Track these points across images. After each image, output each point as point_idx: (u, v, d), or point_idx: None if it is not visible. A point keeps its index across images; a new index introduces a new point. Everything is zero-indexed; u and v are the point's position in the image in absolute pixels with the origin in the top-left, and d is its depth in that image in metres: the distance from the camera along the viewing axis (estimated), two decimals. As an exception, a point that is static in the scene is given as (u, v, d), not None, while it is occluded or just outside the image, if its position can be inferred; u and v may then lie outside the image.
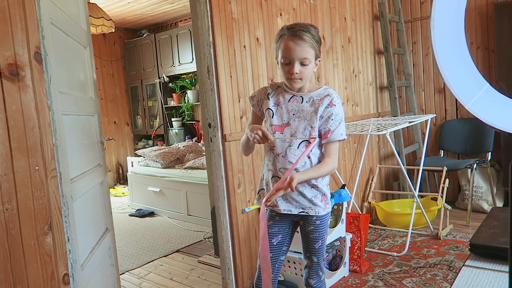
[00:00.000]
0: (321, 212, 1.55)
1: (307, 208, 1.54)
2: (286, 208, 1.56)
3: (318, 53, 1.49)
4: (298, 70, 1.45)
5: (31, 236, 1.35)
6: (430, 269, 2.59)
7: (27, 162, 1.34)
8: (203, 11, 2.22)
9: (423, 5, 4.11)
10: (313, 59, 1.47)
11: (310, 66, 1.47)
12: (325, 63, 3.19)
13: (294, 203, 1.55)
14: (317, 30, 1.50)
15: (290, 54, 1.44)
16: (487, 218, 1.27)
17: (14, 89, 1.32)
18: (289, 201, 1.55)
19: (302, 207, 1.55)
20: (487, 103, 0.94)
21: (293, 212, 1.56)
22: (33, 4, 1.38)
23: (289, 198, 1.54)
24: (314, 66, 1.51)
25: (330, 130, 1.49)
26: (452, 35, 0.95)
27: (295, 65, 1.45)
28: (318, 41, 1.48)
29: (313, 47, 1.45)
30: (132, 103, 6.30)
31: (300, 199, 1.54)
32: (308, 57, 1.45)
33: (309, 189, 1.53)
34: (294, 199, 1.54)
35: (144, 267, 3.06)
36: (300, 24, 1.49)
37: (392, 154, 4.10)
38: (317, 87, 1.56)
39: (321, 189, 1.55)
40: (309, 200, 1.53)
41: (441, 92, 4.09)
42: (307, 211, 1.55)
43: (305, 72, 1.47)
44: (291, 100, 1.55)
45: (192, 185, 4.06)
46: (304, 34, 1.44)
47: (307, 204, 1.54)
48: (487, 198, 3.64)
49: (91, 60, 2.08)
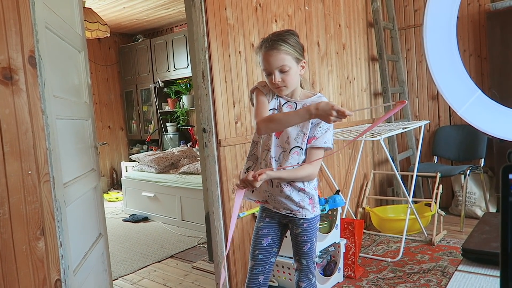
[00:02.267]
0: (308, 215, 1.57)
1: (295, 211, 1.57)
2: (275, 206, 1.59)
3: (299, 56, 1.49)
4: (279, 79, 1.47)
5: (23, 241, 1.34)
6: (424, 275, 2.60)
7: (19, 166, 1.33)
8: (199, 16, 2.23)
9: (416, 12, 4.15)
10: (293, 64, 1.48)
11: (291, 71, 1.47)
12: (320, 69, 3.21)
13: (282, 205, 1.57)
14: (294, 35, 1.50)
15: (267, 65, 1.47)
16: (479, 223, 1.28)
17: (8, 93, 1.31)
18: (277, 202, 1.57)
19: (289, 209, 1.57)
20: (479, 109, 0.95)
21: (281, 212, 1.58)
22: (27, 8, 1.38)
23: (277, 200, 1.56)
24: (300, 69, 1.52)
25: (315, 137, 1.50)
26: (444, 43, 0.96)
27: (275, 75, 1.47)
28: (295, 45, 1.48)
29: (288, 53, 1.45)
30: (127, 108, 6.29)
31: (287, 202, 1.55)
32: (285, 63, 1.45)
33: (296, 193, 1.54)
34: (282, 202, 1.56)
35: (138, 272, 3.03)
36: (274, 33, 1.51)
37: (386, 160, 4.12)
38: (311, 94, 1.57)
39: (308, 193, 1.56)
40: (296, 204, 1.55)
41: (435, 98, 4.12)
42: (295, 214, 1.57)
43: (287, 79, 1.48)
44: (285, 106, 1.56)
45: (186, 190, 4.05)
46: (276, 43, 1.45)
47: (294, 207, 1.56)
48: (480, 204, 3.66)
49: (86, 65, 2.08)
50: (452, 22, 1.06)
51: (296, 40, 1.50)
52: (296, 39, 1.51)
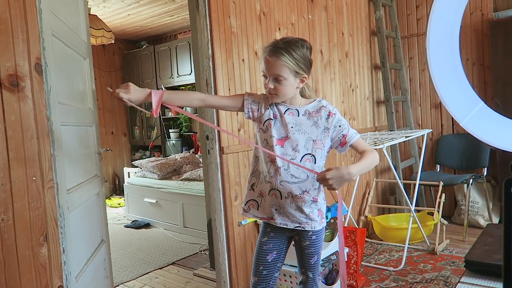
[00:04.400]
0: (317, 226, 1.54)
1: (304, 223, 1.53)
2: (282, 222, 1.53)
3: (300, 70, 1.44)
4: (272, 85, 1.44)
5: (26, 247, 1.35)
6: (426, 285, 2.58)
7: (24, 172, 1.34)
8: (203, 24, 2.25)
9: (419, 21, 4.17)
10: (290, 76, 1.43)
11: (286, 83, 1.43)
12: (323, 77, 3.22)
13: (291, 217, 1.52)
14: (303, 47, 1.45)
15: (264, 68, 1.46)
16: (482, 235, 1.27)
17: (14, 100, 1.32)
18: (286, 215, 1.52)
19: (298, 222, 1.52)
20: (481, 120, 0.95)
21: (289, 226, 1.53)
22: (35, 16, 1.39)
23: (286, 212, 1.52)
24: (299, 83, 1.47)
25: (345, 135, 1.52)
26: (447, 54, 0.97)
27: (269, 81, 1.45)
28: (299, 58, 1.43)
29: (286, 65, 1.41)
30: (130, 113, 6.31)
31: (297, 214, 1.51)
32: (281, 74, 1.41)
33: (307, 204, 1.51)
34: (291, 214, 1.52)
35: (139, 279, 3.03)
36: (284, 39, 1.46)
37: (389, 168, 4.11)
38: (311, 100, 1.55)
39: (318, 203, 1.54)
40: (306, 215, 1.51)
41: (437, 107, 4.12)
42: (304, 226, 1.53)
43: (280, 89, 1.44)
44: (286, 113, 1.51)
45: (188, 197, 4.05)
46: (279, 51, 1.41)
47: (304, 219, 1.52)
48: (483, 213, 3.65)
49: (91, 71, 2.09)
50: (455, 31, 1.07)
51: (303, 54, 1.44)
52: (304, 52, 1.45)
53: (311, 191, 1.50)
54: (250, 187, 1.58)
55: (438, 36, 1.06)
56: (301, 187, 1.49)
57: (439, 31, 1.06)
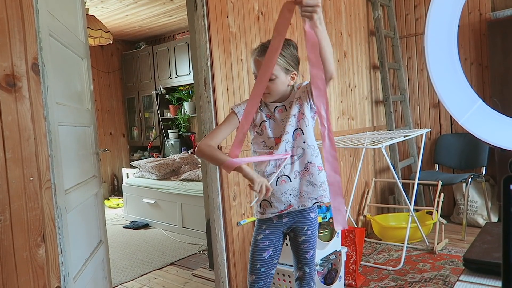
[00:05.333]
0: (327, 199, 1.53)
1: (320, 196, 1.53)
2: (300, 204, 1.53)
3: (289, 67, 1.50)
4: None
5: (24, 247, 1.34)
6: (425, 284, 2.58)
7: (21, 172, 1.34)
8: (201, 25, 2.24)
9: (417, 21, 4.17)
10: (280, 73, 1.49)
11: (277, 81, 1.49)
12: (321, 77, 3.21)
13: (307, 196, 1.52)
14: (290, 46, 1.51)
15: (255, 69, 1.51)
16: (481, 233, 1.27)
17: (11, 100, 1.32)
18: (301, 195, 1.52)
19: (315, 197, 1.53)
20: (480, 119, 0.95)
21: (308, 205, 1.53)
22: (31, 16, 1.39)
23: (301, 192, 1.52)
24: (289, 80, 1.53)
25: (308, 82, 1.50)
26: (445, 52, 0.97)
27: None
28: (287, 56, 1.49)
29: (277, 63, 1.46)
30: (129, 114, 6.31)
31: (310, 189, 1.51)
32: (272, 72, 1.45)
33: (316, 175, 1.51)
34: (305, 192, 1.51)
35: (138, 280, 3.02)
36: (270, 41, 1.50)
37: (388, 168, 4.11)
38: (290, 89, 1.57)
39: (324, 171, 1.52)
40: (319, 187, 1.51)
41: (436, 106, 4.12)
42: (321, 199, 1.53)
43: (272, 87, 1.49)
44: (276, 111, 1.57)
45: (187, 197, 4.04)
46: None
47: (320, 191, 1.52)
48: (482, 213, 3.65)
49: (89, 72, 2.09)
50: (453, 31, 1.07)
51: (290, 52, 1.51)
52: (292, 50, 1.52)
53: (313, 160, 1.52)
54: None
55: (436, 35, 1.06)
56: (302, 161, 1.52)
57: (437, 30, 1.06)
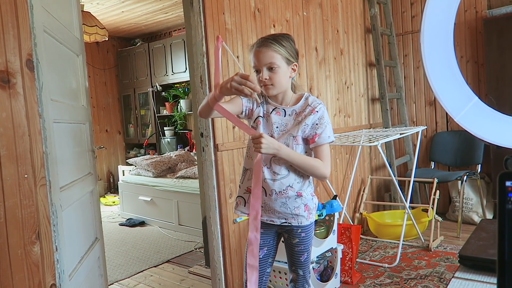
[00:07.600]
0: (304, 222, 1.53)
1: (290, 219, 1.52)
2: (269, 218, 1.54)
3: (290, 58, 1.49)
4: (267, 76, 1.46)
5: (19, 245, 1.33)
6: (421, 281, 2.59)
7: (16, 170, 1.33)
8: (197, 21, 2.23)
9: (414, 18, 4.17)
10: (282, 63, 1.47)
11: (279, 71, 1.46)
12: (318, 75, 3.22)
13: (277, 214, 1.53)
14: (289, 38, 1.51)
15: (256, 61, 1.48)
16: (476, 230, 1.28)
17: (5, 96, 1.31)
18: (272, 212, 1.53)
19: (284, 217, 1.52)
20: (476, 116, 0.95)
21: (276, 222, 1.54)
22: (26, 12, 1.38)
23: (272, 209, 1.52)
24: (291, 72, 1.51)
25: (317, 134, 1.47)
26: (442, 50, 0.97)
27: (263, 72, 1.46)
28: (288, 46, 1.48)
29: (278, 52, 1.45)
30: (125, 111, 6.28)
31: (282, 210, 1.51)
32: (274, 61, 1.45)
33: (292, 200, 1.50)
34: (276, 211, 1.52)
35: (134, 277, 3.02)
36: (269, 34, 1.53)
37: (384, 165, 4.12)
38: (300, 96, 1.55)
39: (304, 198, 1.51)
40: (291, 211, 1.51)
41: (432, 104, 4.14)
42: (290, 222, 1.53)
43: (275, 78, 1.46)
44: (273, 112, 1.53)
45: (183, 195, 4.04)
46: (267, 41, 1.46)
47: (289, 215, 1.52)
48: (477, 210, 3.67)
49: (84, 68, 2.08)
50: (449, 28, 1.07)
51: (289, 43, 1.50)
52: (291, 42, 1.51)
53: (294, 185, 1.50)
54: (240, 184, 1.62)
55: (433, 33, 1.06)
56: (284, 182, 1.49)
57: (433, 28, 1.06)
